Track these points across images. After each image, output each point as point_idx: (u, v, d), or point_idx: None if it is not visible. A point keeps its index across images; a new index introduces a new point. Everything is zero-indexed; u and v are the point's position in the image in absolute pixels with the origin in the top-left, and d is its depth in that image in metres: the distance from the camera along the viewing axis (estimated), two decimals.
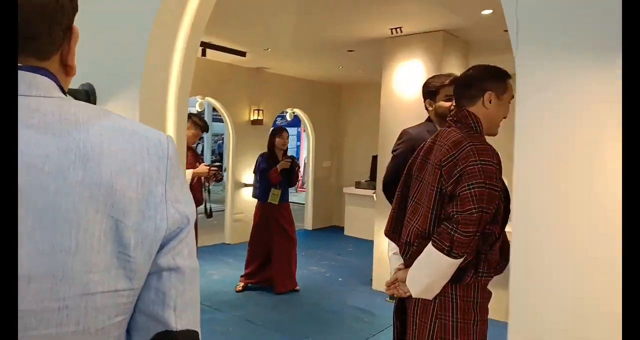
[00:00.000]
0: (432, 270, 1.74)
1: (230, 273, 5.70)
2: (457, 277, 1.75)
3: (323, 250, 7.11)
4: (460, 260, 1.70)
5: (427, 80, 2.70)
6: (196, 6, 1.82)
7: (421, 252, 1.80)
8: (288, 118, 9.42)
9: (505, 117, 1.91)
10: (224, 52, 6.15)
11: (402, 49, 5.12)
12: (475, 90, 1.87)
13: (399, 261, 1.99)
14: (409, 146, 2.63)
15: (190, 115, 3.88)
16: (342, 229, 8.61)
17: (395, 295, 1.97)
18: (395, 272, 1.98)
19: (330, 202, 9.09)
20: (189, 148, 3.95)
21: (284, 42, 5.75)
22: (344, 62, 6.73)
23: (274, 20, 4.79)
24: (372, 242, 5.52)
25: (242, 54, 6.41)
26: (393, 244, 2.06)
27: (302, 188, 16.08)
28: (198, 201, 3.95)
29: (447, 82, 2.56)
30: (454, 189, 1.70)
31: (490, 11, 4.16)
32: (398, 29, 4.85)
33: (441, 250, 1.68)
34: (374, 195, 5.54)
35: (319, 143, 8.86)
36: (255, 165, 5.03)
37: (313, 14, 4.55)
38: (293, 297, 4.94)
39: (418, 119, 4.96)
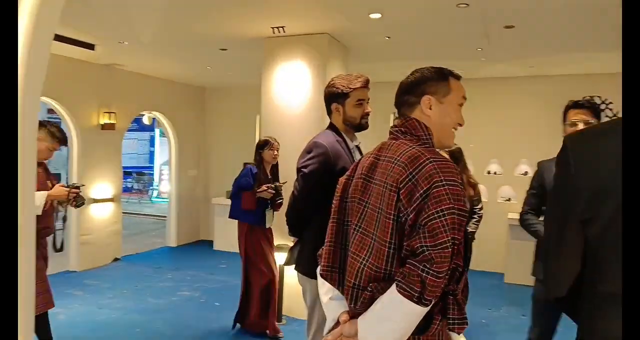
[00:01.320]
0: (397, 324, 1.37)
1: (83, 310, 4.70)
2: (421, 327, 1.41)
3: (194, 270, 6.39)
4: (430, 306, 1.37)
5: (334, 80, 2.37)
6: None
7: (376, 298, 1.43)
8: (146, 122, 8.41)
9: (460, 125, 1.63)
10: (65, 43, 5.10)
11: (285, 50, 4.75)
12: (413, 96, 1.58)
13: (340, 308, 1.59)
14: (322, 161, 2.28)
15: (43, 124, 3.23)
16: (211, 243, 7.93)
17: None
18: (336, 324, 1.57)
19: (196, 215, 8.32)
20: (40, 164, 3.30)
21: (143, 36, 4.95)
22: (213, 62, 6.12)
23: (133, 8, 4.03)
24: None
25: (90, 46, 5.40)
26: (327, 286, 1.65)
27: (160, 197, 14.77)
28: (48, 230, 3.23)
29: (358, 84, 2.30)
30: (416, 217, 1.35)
31: (379, 15, 4.00)
32: (280, 29, 4.47)
33: (410, 297, 1.32)
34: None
35: (182, 150, 8.04)
36: (237, 178, 4.19)
37: (182, 5, 3.92)
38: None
39: (302, 123, 4.78)
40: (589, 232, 1.04)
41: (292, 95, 4.76)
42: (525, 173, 6.47)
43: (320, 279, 1.69)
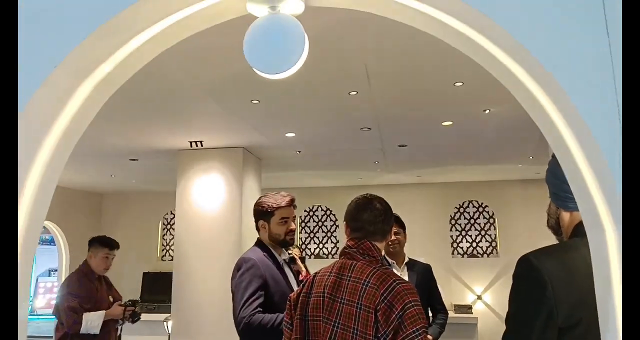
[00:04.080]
0: None
1: None
2: None
3: None
4: None
5: (261, 199, 2.49)
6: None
7: None
8: None
9: None
10: None
11: (201, 161, 4.94)
12: (389, 227, 1.81)
13: None
14: (254, 273, 2.32)
15: (90, 241, 3.56)
16: None
17: None
18: None
19: None
20: (100, 278, 3.51)
21: None
22: (120, 170, 6.05)
23: None
24: None
25: None
26: None
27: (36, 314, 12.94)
28: None
29: (283, 203, 2.42)
30: (394, 336, 1.52)
31: (293, 134, 4.44)
32: (199, 143, 4.69)
33: None
34: (165, 323, 4.79)
35: (75, 260, 7.42)
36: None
37: (100, 119, 3.99)
38: None
39: (218, 230, 4.81)
40: (566, 338, 1.18)
41: (208, 203, 4.86)
42: None
43: None
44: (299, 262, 2.62)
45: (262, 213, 2.44)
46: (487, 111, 3.92)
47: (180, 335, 4.69)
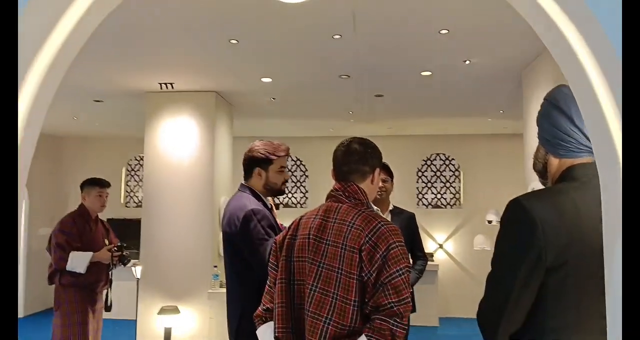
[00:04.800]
0: None
1: None
2: None
3: None
4: None
5: (257, 146, 2.43)
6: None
7: None
8: None
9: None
10: None
11: (171, 105, 4.74)
12: (367, 167, 1.80)
13: None
14: (270, 225, 2.24)
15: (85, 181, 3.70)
16: None
17: None
18: None
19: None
20: (97, 220, 3.64)
21: None
22: (83, 112, 5.75)
23: None
24: (122, 321, 4.68)
25: None
26: None
27: None
28: (99, 283, 3.49)
29: (282, 153, 2.39)
30: (378, 276, 1.55)
31: (270, 80, 4.31)
32: (169, 85, 4.48)
33: None
34: (134, 268, 4.75)
35: (33, 207, 7.18)
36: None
37: None
38: None
39: (188, 177, 4.71)
40: (551, 279, 1.22)
41: (178, 149, 4.74)
42: None
43: None
44: (274, 209, 2.62)
45: (259, 160, 2.37)
46: (467, 62, 3.90)
47: (149, 280, 4.68)
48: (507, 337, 1.32)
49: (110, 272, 3.57)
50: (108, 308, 3.59)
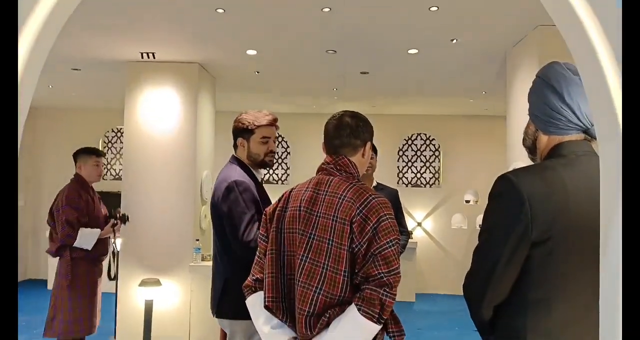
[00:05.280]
0: None
1: None
2: None
3: (28, 315, 5.55)
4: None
5: (242, 115, 2.39)
6: None
7: (330, 323, 1.58)
8: None
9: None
10: None
11: (153, 75, 4.63)
12: (359, 140, 1.80)
13: (284, 336, 1.67)
14: (251, 198, 2.23)
15: (75, 153, 3.69)
16: (43, 282, 6.96)
17: None
18: None
19: (22, 251, 7.23)
20: (92, 190, 3.67)
21: None
22: (59, 81, 5.57)
23: None
24: (103, 294, 4.62)
25: None
26: (264, 316, 1.71)
27: None
28: (104, 256, 3.68)
29: (265, 121, 2.34)
30: (368, 247, 1.57)
31: (255, 52, 4.23)
32: (150, 54, 4.36)
33: (371, 319, 1.51)
34: (113, 241, 4.69)
35: None
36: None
37: None
38: None
39: (171, 150, 4.64)
40: (536, 252, 1.25)
41: (159, 121, 4.65)
42: None
43: (255, 311, 1.73)
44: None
45: (241, 130, 2.34)
46: (454, 41, 3.91)
47: (130, 253, 4.64)
48: (492, 308, 1.36)
49: (114, 245, 3.77)
50: (114, 277, 3.82)
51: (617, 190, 0.97)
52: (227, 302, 2.25)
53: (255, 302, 1.76)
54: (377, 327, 1.53)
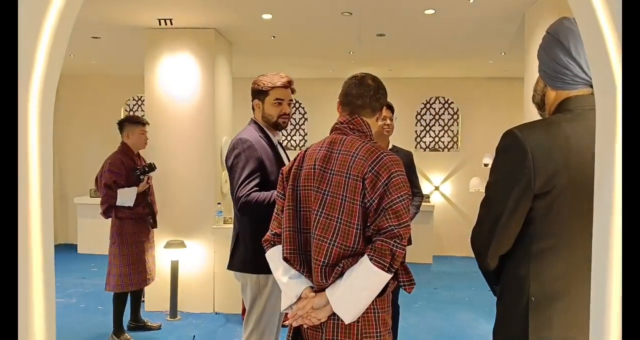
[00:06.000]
0: (369, 291, 1.64)
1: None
2: (380, 291, 1.71)
3: (61, 276, 5.86)
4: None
5: (258, 78, 2.44)
6: None
7: (344, 273, 1.68)
8: None
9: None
10: None
11: (170, 42, 4.68)
12: (379, 104, 1.86)
13: (301, 286, 1.76)
14: (250, 155, 2.31)
15: (122, 121, 4.00)
16: (73, 246, 7.29)
17: (292, 325, 1.78)
18: (300, 299, 1.77)
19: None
20: (136, 156, 4.02)
21: None
22: (80, 49, 5.66)
23: None
24: None
25: None
26: (283, 267, 1.81)
27: None
28: (150, 215, 4.02)
29: (279, 83, 2.40)
30: (380, 202, 1.65)
31: (270, 16, 4.22)
32: (168, 21, 4.40)
33: (382, 268, 1.61)
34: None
35: None
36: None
37: None
38: None
39: (190, 116, 4.73)
40: (538, 204, 1.31)
41: (179, 88, 4.72)
42: None
43: (275, 263, 1.84)
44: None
45: (257, 92, 2.42)
46: (472, 0, 3.83)
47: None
48: (497, 259, 1.43)
49: (154, 199, 4.12)
50: (154, 224, 4.10)
51: (612, 142, 1.01)
52: (238, 256, 2.38)
53: (274, 255, 1.87)
54: (388, 276, 1.63)
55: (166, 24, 4.45)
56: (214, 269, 4.73)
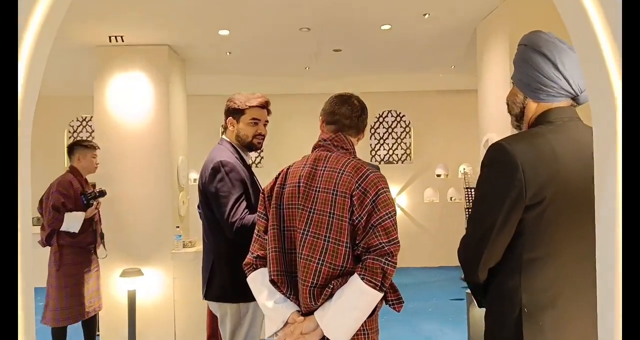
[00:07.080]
0: (362, 311, 1.59)
1: None
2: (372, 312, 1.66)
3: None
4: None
5: (234, 95, 2.35)
6: None
7: (334, 293, 1.62)
8: None
9: None
10: None
11: (122, 60, 4.48)
12: (363, 125, 1.87)
13: (288, 310, 1.68)
14: (238, 178, 2.22)
15: (72, 145, 3.88)
16: None
17: None
18: (287, 324, 1.68)
19: None
20: (84, 180, 3.86)
21: None
22: None
23: None
24: None
25: None
26: (267, 292, 1.72)
27: None
28: (93, 245, 3.81)
29: (256, 103, 2.32)
30: (368, 219, 1.61)
31: (227, 32, 4.15)
32: (119, 38, 4.21)
33: (374, 287, 1.56)
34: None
35: None
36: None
37: None
38: None
39: (143, 135, 4.51)
40: (529, 215, 1.31)
41: (131, 107, 4.52)
42: None
43: (258, 287, 1.74)
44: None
45: (232, 110, 2.32)
46: (427, 15, 3.94)
47: (109, 244, 4.55)
48: (487, 271, 1.41)
49: (100, 228, 3.91)
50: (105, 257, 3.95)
51: (613, 150, 1.01)
52: (215, 284, 2.25)
53: (256, 279, 1.77)
54: (379, 295, 1.59)
55: (117, 40, 4.26)
56: (174, 296, 4.50)
